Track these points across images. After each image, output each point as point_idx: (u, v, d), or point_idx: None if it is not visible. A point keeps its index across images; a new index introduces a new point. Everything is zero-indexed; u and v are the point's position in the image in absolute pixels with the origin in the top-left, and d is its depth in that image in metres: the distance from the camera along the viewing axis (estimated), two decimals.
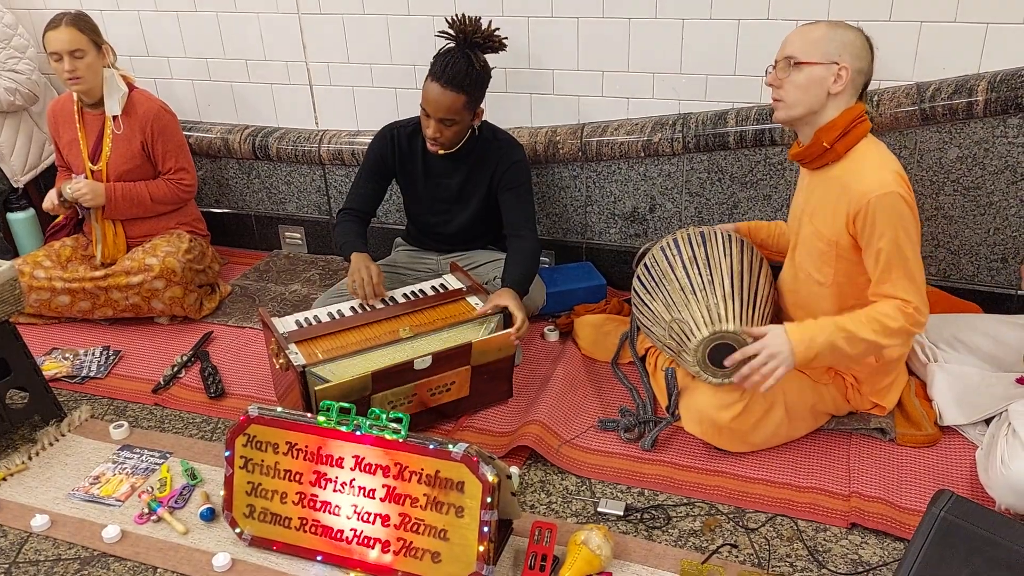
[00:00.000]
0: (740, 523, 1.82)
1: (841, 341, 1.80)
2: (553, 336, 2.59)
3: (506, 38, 2.40)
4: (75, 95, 2.78)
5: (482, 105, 2.38)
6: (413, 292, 2.36)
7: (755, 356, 1.82)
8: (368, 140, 2.97)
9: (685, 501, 1.89)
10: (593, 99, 2.73)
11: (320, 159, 3.09)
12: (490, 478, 1.58)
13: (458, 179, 2.48)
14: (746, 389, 1.90)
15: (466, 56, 2.28)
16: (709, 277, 2.02)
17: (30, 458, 2.12)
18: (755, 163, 2.58)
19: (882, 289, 1.81)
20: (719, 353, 1.92)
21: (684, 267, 2.08)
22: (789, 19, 2.36)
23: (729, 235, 2.15)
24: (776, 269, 2.18)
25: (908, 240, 1.76)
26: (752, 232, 2.29)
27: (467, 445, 1.62)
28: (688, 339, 1.96)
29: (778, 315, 2.18)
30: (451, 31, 2.32)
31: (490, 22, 2.36)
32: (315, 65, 3.01)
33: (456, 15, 2.32)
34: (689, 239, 2.15)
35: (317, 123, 3.13)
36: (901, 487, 1.88)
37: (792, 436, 2.04)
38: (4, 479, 2.04)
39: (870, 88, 2.33)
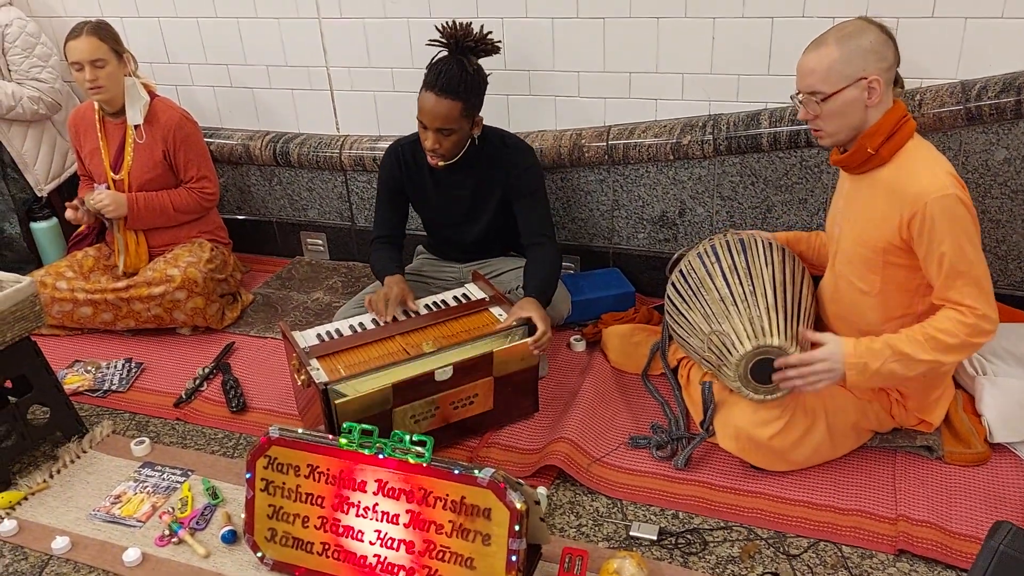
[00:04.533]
0: (781, 549, 1.73)
1: (897, 366, 1.73)
2: (580, 346, 2.52)
3: (499, 41, 2.31)
4: (96, 104, 2.75)
5: (480, 114, 2.30)
6: (435, 303, 2.30)
7: (808, 365, 1.76)
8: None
9: (722, 524, 1.81)
10: (620, 101, 2.65)
11: (341, 165, 3.04)
12: (518, 505, 1.52)
13: (469, 189, 2.41)
14: (785, 392, 1.84)
15: (459, 62, 2.21)
16: (751, 287, 1.93)
17: (51, 476, 2.09)
18: (790, 166, 2.48)
19: (948, 295, 1.72)
20: (762, 368, 1.84)
21: (724, 276, 1.99)
22: (825, 16, 2.27)
23: (770, 242, 2.06)
24: (816, 278, 2.09)
25: (970, 243, 1.68)
26: (791, 243, 2.20)
27: (493, 470, 1.56)
28: (729, 353, 1.88)
29: (818, 325, 2.09)
30: (442, 39, 2.25)
31: (482, 26, 2.28)
32: (336, 70, 2.96)
33: (447, 22, 2.25)
34: (728, 246, 2.06)
35: (338, 128, 3.08)
36: (951, 510, 1.79)
37: (834, 455, 1.95)
38: (25, 498, 2.01)
39: (911, 87, 2.25)
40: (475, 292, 2.34)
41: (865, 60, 1.69)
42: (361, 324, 2.21)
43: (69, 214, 2.74)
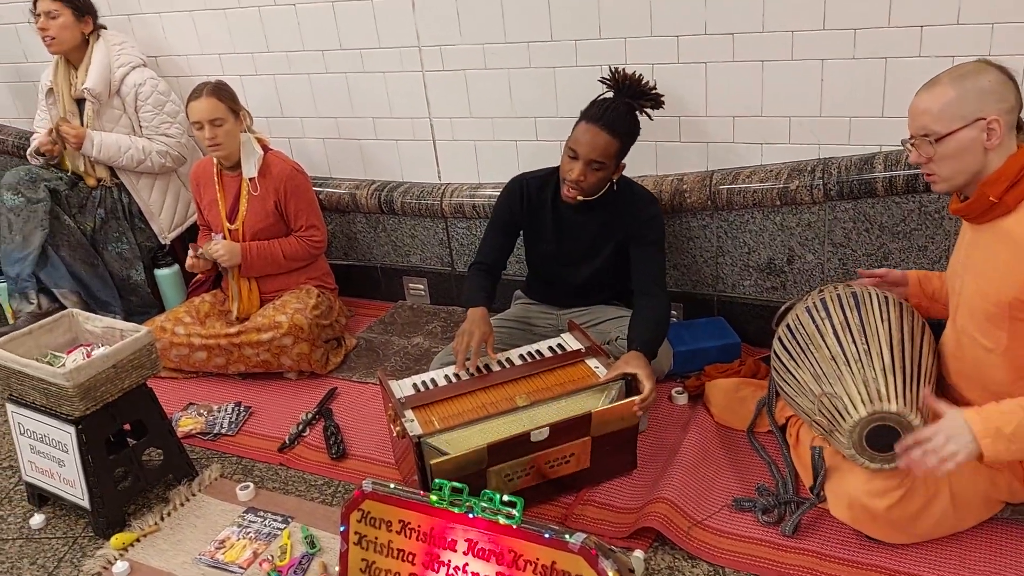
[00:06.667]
0: None
1: None
2: (682, 400, 2.43)
3: (663, 96, 2.37)
4: (215, 158, 2.91)
5: (624, 160, 2.33)
6: (530, 353, 2.28)
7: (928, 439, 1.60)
8: (488, 193, 2.96)
9: None
10: (723, 145, 2.58)
11: (442, 212, 3.09)
12: (610, 574, 1.46)
13: (591, 230, 2.41)
14: (916, 475, 1.68)
15: (627, 104, 2.29)
16: (865, 346, 1.81)
17: (162, 518, 2.17)
18: (908, 212, 2.34)
19: None
20: (878, 435, 1.71)
21: (835, 333, 1.87)
22: (944, 55, 2.14)
23: (886, 296, 1.93)
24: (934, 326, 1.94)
25: None
26: (923, 281, 2.05)
27: (585, 536, 1.51)
28: (842, 418, 1.76)
29: (939, 385, 1.94)
30: (612, 80, 2.33)
31: (649, 80, 2.35)
32: (438, 120, 3.03)
33: (616, 68, 2.34)
34: (839, 300, 1.94)
35: (440, 177, 3.14)
36: None
37: (960, 527, 1.79)
38: (138, 540, 2.10)
39: None
40: (571, 343, 2.30)
41: (983, 100, 1.58)
42: (456, 375, 2.21)
43: (189, 262, 2.89)
